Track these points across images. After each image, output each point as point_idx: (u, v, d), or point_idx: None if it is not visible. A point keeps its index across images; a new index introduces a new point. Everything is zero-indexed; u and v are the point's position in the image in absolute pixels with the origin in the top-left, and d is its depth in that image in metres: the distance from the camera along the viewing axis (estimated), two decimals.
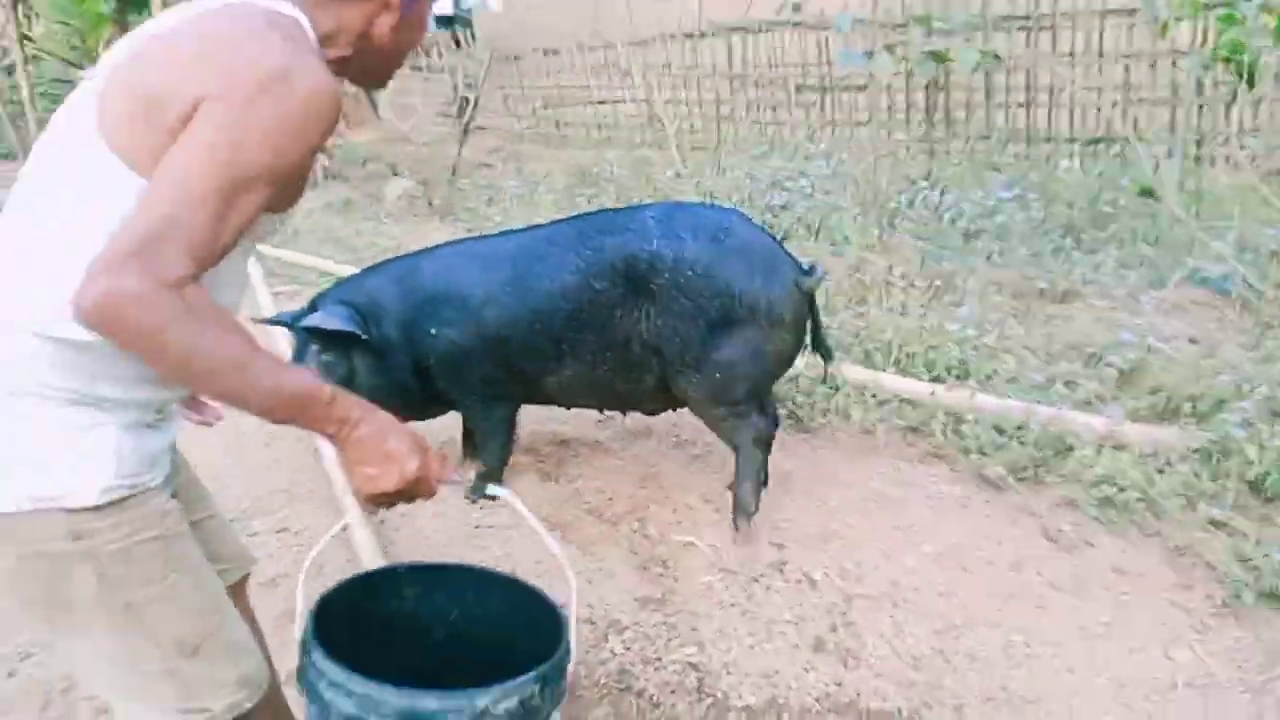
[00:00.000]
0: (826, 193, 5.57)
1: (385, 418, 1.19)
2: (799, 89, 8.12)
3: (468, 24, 11.86)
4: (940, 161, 6.32)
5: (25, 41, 9.72)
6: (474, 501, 3.06)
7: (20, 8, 9.80)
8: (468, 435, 3.24)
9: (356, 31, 1.25)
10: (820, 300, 4.36)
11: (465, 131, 8.21)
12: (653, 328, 2.57)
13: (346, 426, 1.15)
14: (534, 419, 3.71)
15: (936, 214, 5.15)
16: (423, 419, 3.10)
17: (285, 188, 1.16)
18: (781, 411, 3.52)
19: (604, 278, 2.56)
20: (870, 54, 3.49)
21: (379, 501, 1.20)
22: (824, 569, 2.64)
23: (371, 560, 2.62)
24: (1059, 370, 3.46)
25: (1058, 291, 4.17)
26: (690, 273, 2.51)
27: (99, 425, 1.15)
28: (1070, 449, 3.02)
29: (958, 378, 3.54)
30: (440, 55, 11.13)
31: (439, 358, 2.77)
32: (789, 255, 2.70)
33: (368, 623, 1.40)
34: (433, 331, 2.74)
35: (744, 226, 2.68)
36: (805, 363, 3.67)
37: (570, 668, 1.28)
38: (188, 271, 1.03)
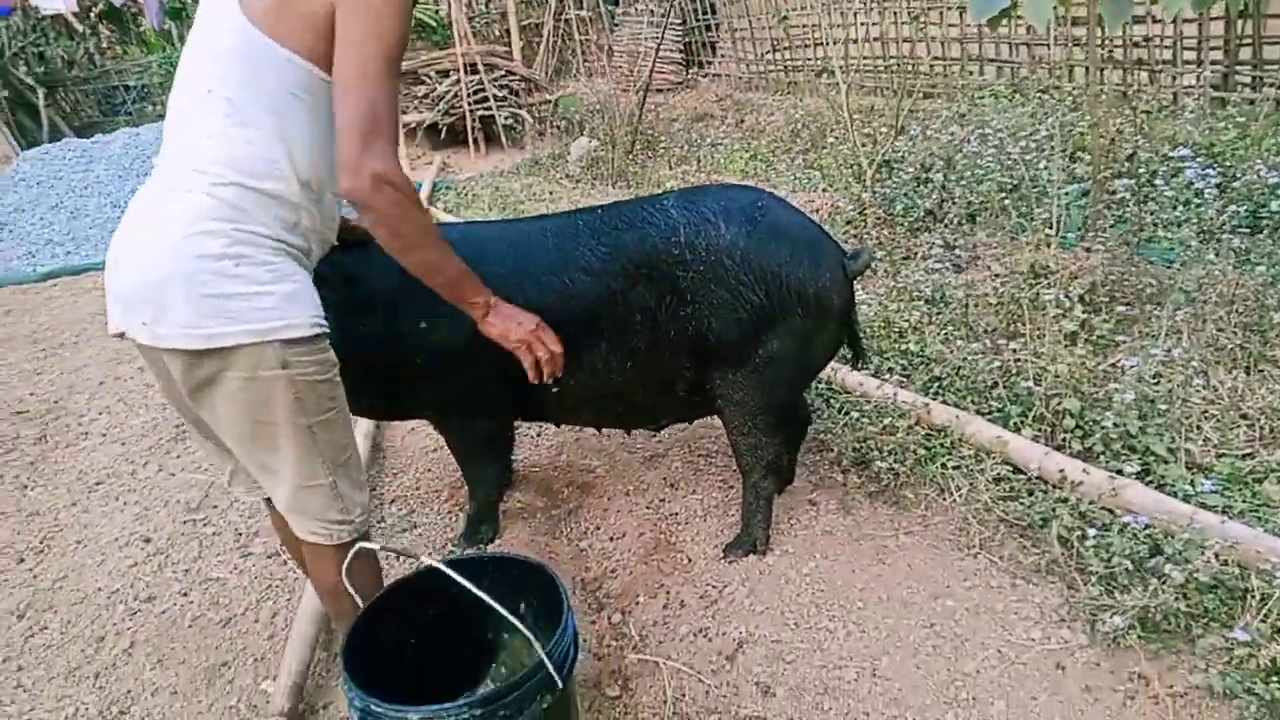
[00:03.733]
0: (1049, 158, 4.35)
1: (512, 308, 1.81)
2: (1060, 20, 6.63)
3: None
4: (1231, 119, 4.75)
5: None
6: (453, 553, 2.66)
7: None
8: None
9: None
10: (946, 315, 3.43)
11: (645, 90, 7.59)
12: (686, 328, 2.24)
13: (485, 307, 1.74)
14: (572, 451, 3.20)
15: (1190, 195, 3.78)
16: (387, 417, 2.95)
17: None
18: (858, 479, 2.74)
19: (622, 278, 2.23)
20: None
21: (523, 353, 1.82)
22: None
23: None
24: (1272, 461, 2.34)
25: None
26: (729, 261, 2.18)
27: (296, 269, 1.51)
28: (1246, 594, 2.00)
29: (1114, 455, 2.52)
30: None
31: (425, 354, 2.25)
32: (831, 238, 2.37)
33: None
34: (422, 325, 2.23)
35: (778, 206, 2.32)
36: (905, 420, 2.83)
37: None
38: (398, 139, 1.42)
